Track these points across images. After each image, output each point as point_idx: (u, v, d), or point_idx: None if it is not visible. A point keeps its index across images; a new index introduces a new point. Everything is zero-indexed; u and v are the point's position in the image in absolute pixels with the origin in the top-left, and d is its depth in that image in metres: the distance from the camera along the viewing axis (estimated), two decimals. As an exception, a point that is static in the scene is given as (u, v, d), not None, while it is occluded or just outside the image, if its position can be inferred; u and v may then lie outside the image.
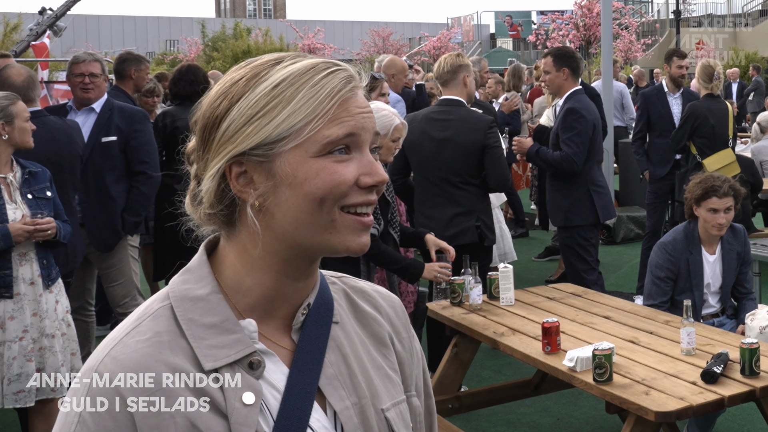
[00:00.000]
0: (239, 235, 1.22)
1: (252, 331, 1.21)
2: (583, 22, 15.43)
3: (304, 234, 1.19)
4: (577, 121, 5.82)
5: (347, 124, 1.18)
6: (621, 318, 4.41)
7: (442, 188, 5.25)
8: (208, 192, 1.21)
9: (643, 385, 3.44)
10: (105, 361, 1.16)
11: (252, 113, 1.17)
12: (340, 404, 1.24)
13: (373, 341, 1.34)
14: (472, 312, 4.64)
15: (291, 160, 1.17)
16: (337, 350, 1.28)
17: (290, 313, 1.26)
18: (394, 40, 37.59)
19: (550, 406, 5.34)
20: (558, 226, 6.17)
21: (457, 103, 5.34)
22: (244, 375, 1.18)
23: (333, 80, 1.19)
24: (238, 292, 1.23)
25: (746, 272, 4.89)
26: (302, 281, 1.25)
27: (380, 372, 1.32)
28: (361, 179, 1.19)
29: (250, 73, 1.21)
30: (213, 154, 1.21)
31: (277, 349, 1.23)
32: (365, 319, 1.35)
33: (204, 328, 1.19)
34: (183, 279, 1.24)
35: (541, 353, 3.90)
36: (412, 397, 1.37)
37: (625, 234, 10.13)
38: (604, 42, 9.91)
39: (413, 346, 1.41)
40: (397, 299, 1.43)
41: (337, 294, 1.34)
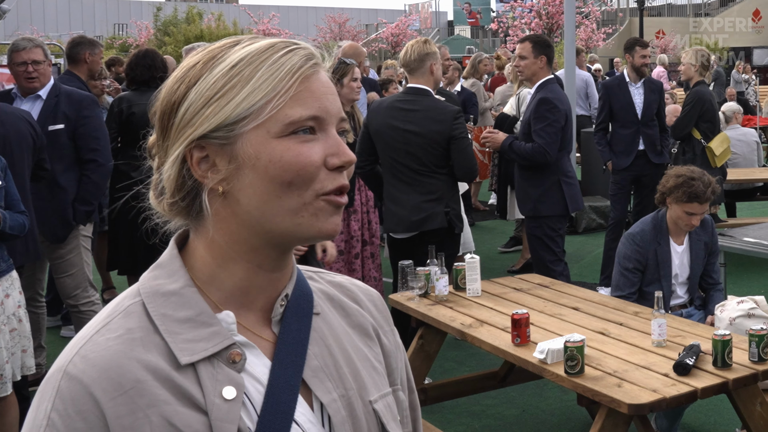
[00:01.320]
0: (205, 224, 1.19)
1: (230, 323, 1.17)
2: (545, 11, 15.50)
3: (272, 219, 1.15)
4: (549, 111, 5.84)
5: (312, 106, 1.16)
6: (590, 309, 4.43)
7: (409, 176, 5.23)
8: (169, 180, 1.18)
9: (615, 377, 3.45)
10: (74, 360, 1.11)
11: (210, 94, 1.15)
12: (327, 397, 1.21)
13: (357, 332, 1.32)
14: (438, 303, 4.62)
15: (253, 141, 1.14)
16: (320, 341, 1.25)
17: (268, 304, 1.23)
18: (350, 27, 37.56)
19: (516, 397, 5.36)
20: (526, 215, 6.18)
21: (424, 92, 5.30)
22: (224, 368, 1.14)
23: (293, 58, 1.16)
24: (211, 285, 1.19)
25: (714, 263, 4.94)
26: (277, 272, 1.22)
27: (366, 363, 1.29)
28: (329, 160, 1.16)
29: (206, 56, 1.18)
30: (172, 140, 1.18)
31: (258, 341, 1.20)
32: (346, 310, 1.33)
33: (179, 322, 1.15)
34: (154, 275, 1.20)
35: (510, 345, 3.90)
36: (398, 391, 1.35)
37: (587, 224, 10.21)
38: (567, 30, 9.94)
39: (396, 339, 1.39)
40: (376, 292, 1.40)
41: (316, 288, 1.31)
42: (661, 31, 32.93)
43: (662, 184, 4.70)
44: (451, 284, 4.82)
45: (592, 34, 26.58)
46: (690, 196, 4.54)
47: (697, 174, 4.61)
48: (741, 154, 9.53)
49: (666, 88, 16.52)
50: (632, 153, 7.88)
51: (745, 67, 21.56)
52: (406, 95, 5.38)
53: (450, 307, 4.56)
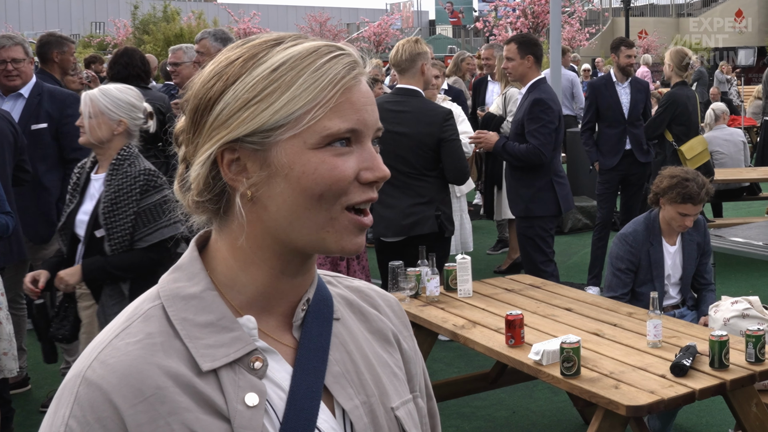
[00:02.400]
0: (231, 227, 1.17)
1: (251, 328, 1.15)
2: (531, 10, 15.53)
3: (298, 230, 1.14)
4: (544, 112, 5.82)
5: (350, 118, 1.13)
6: (583, 310, 4.42)
7: (399, 179, 5.20)
8: (197, 178, 1.16)
9: (611, 379, 3.45)
10: (93, 365, 1.09)
11: (249, 97, 1.12)
12: (349, 403, 1.20)
13: (377, 338, 1.30)
14: (429, 304, 4.61)
15: (288, 151, 1.11)
16: (341, 347, 1.23)
17: (289, 309, 1.21)
18: (331, 26, 37.54)
19: (505, 399, 5.35)
20: (518, 216, 6.17)
21: (414, 93, 5.27)
22: (246, 375, 1.12)
23: (336, 66, 1.13)
24: (232, 289, 1.17)
25: (706, 263, 4.95)
26: (299, 277, 1.20)
27: (386, 370, 1.28)
28: (362, 174, 1.14)
29: (247, 54, 1.15)
30: (204, 138, 1.15)
31: (279, 347, 1.18)
32: (366, 316, 1.31)
33: (199, 327, 1.13)
34: (174, 277, 1.18)
35: (504, 346, 3.89)
36: (418, 398, 1.33)
37: (573, 224, 10.24)
38: (552, 30, 9.97)
39: (415, 345, 1.38)
40: (394, 298, 1.39)
41: (335, 293, 1.29)
42: (644, 31, 33.12)
43: (656, 184, 4.70)
44: (442, 285, 4.81)
45: (576, 33, 26.68)
46: (684, 197, 4.55)
47: (691, 175, 4.61)
48: (727, 154, 9.58)
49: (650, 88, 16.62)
50: (619, 152, 7.90)
51: (727, 67, 21.68)
52: (395, 96, 5.35)
53: (441, 308, 4.55)
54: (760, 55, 26.20)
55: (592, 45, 29.49)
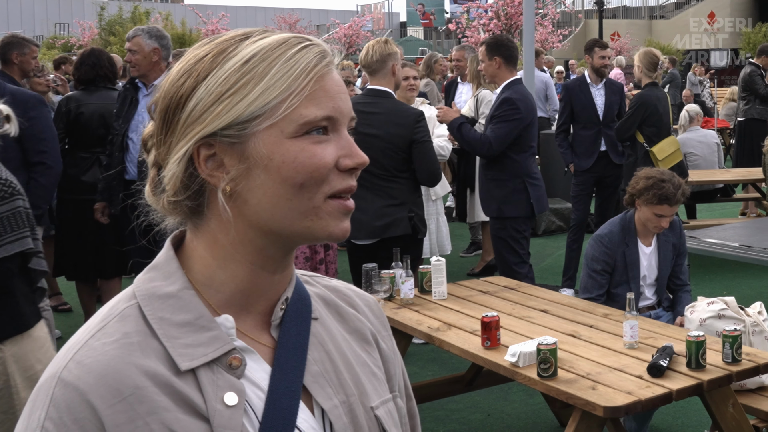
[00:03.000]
0: (208, 224, 1.17)
1: (229, 327, 1.15)
2: (504, 11, 15.59)
3: (281, 221, 1.14)
4: (508, 111, 5.87)
5: (326, 106, 1.14)
6: (559, 311, 4.44)
7: (371, 181, 5.19)
8: (173, 178, 1.15)
9: (588, 380, 3.46)
10: (69, 366, 1.08)
11: (222, 91, 1.12)
12: (328, 403, 1.20)
13: (355, 338, 1.31)
14: (403, 306, 4.61)
15: (266, 141, 1.12)
16: (319, 347, 1.23)
17: (267, 308, 1.21)
18: (301, 27, 37.52)
19: (480, 401, 5.36)
20: (490, 216, 6.19)
21: (385, 94, 5.27)
22: (224, 374, 1.12)
23: (307, 55, 1.14)
24: (210, 288, 1.17)
25: (682, 264, 4.99)
26: (278, 273, 1.20)
27: (365, 369, 1.28)
28: (341, 161, 1.15)
29: (216, 49, 1.15)
30: (178, 136, 1.14)
31: (257, 347, 1.18)
32: (344, 315, 1.32)
33: (177, 326, 1.12)
34: (149, 276, 1.17)
35: (480, 348, 3.89)
36: (397, 398, 1.34)
37: (547, 226, 10.29)
38: (526, 31, 10.00)
39: (393, 345, 1.38)
40: (372, 298, 1.40)
41: (312, 292, 1.30)
42: (616, 32, 33.38)
43: (631, 185, 4.73)
44: (417, 287, 4.81)
45: (549, 35, 26.83)
46: (660, 198, 4.58)
47: (667, 176, 4.65)
48: (701, 156, 9.67)
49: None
50: (594, 154, 7.96)
51: (700, 69, 21.89)
52: (366, 97, 5.34)
53: (416, 310, 4.55)
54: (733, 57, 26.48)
55: (565, 47, 29.67)
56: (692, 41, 34.50)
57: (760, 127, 10.99)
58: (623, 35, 32.94)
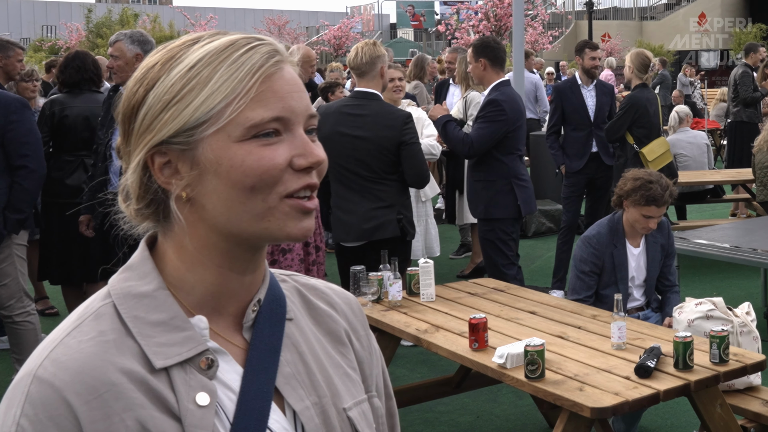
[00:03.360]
0: (173, 230, 1.18)
1: (203, 328, 1.16)
2: (494, 13, 15.62)
3: (238, 224, 1.14)
4: (493, 112, 5.89)
5: (274, 106, 1.13)
6: (547, 313, 4.45)
7: (359, 183, 5.21)
8: (132, 186, 1.17)
9: (576, 381, 3.48)
10: (44, 364, 1.08)
11: (168, 98, 1.13)
12: (300, 404, 1.21)
13: (330, 339, 1.31)
14: (391, 309, 4.62)
15: (214, 146, 1.12)
16: (293, 348, 1.24)
17: (240, 310, 1.22)
18: (290, 29, 37.47)
19: (469, 403, 5.38)
20: (478, 218, 6.21)
21: (373, 96, 5.28)
22: (197, 375, 1.13)
23: (254, 56, 1.14)
24: (182, 290, 1.18)
25: (670, 265, 5.01)
26: (248, 275, 1.21)
27: (339, 370, 1.29)
28: (295, 161, 1.14)
29: (165, 56, 1.16)
30: (134, 145, 1.16)
31: (229, 348, 1.19)
32: (320, 316, 1.32)
33: (151, 325, 1.13)
34: (124, 276, 1.18)
35: (468, 350, 3.90)
36: (374, 398, 1.34)
37: (537, 228, 10.31)
38: (515, 33, 10.03)
39: (371, 344, 1.38)
40: (353, 297, 1.40)
41: (288, 291, 1.30)
42: (607, 34, 33.47)
43: (619, 186, 4.76)
44: (405, 289, 4.82)
45: (539, 37, 26.90)
46: (648, 199, 4.60)
47: (654, 177, 4.67)
48: (691, 157, 9.70)
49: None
50: (585, 155, 7.98)
51: (691, 70, 21.98)
52: (354, 100, 5.35)
53: (404, 312, 4.56)
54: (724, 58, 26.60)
55: (555, 48, 29.73)
56: (683, 42, 34.63)
57: (751, 129, 11.03)
58: (614, 36, 33.03)
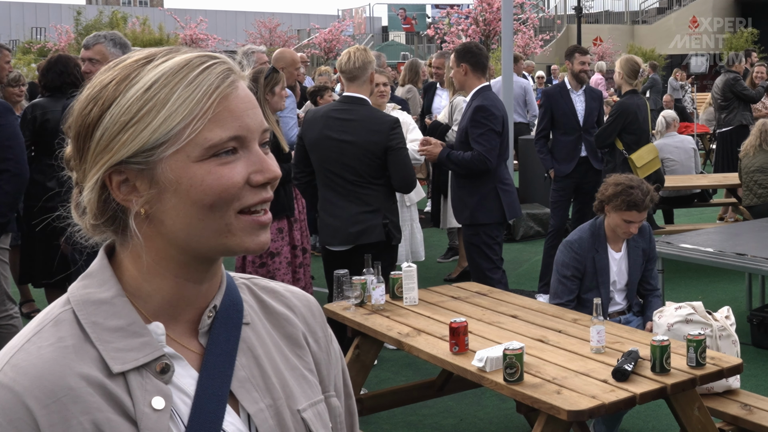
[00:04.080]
0: (131, 242, 1.21)
1: (159, 334, 1.20)
2: (483, 17, 15.68)
3: (197, 240, 1.19)
4: (486, 118, 5.92)
5: (231, 126, 1.17)
6: (528, 317, 4.50)
7: (346, 187, 5.26)
8: (90, 203, 1.20)
9: (554, 384, 3.53)
10: (5, 369, 1.12)
11: (126, 120, 1.15)
12: (254, 407, 1.25)
13: (287, 342, 1.35)
14: (374, 312, 4.66)
15: (173, 166, 1.16)
16: (248, 352, 1.28)
17: (196, 316, 1.26)
18: (281, 32, 37.47)
19: (453, 406, 5.42)
20: (463, 223, 6.25)
21: (361, 101, 5.33)
22: (152, 379, 1.17)
23: (209, 76, 1.17)
24: (139, 298, 1.22)
25: (652, 269, 5.06)
26: (205, 283, 1.25)
27: (295, 373, 1.33)
28: (252, 177, 1.19)
29: (119, 75, 1.18)
30: (90, 164, 1.19)
31: (185, 353, 1.23)
32: (277, 319, 1.36)
33: (110, 331, 1.17)
34: (84, 284, 1.22)
35: (448, 354, 3.95)
36: (331, 398, 1.39)
37: (525, 232, 10.37)
38: (504, 37, 10.08)
39: (330, 346, 1.42)
40: (312, 299, 1.44)
41: (246, 295, 1.34)
42: (598, 38, 33.58)
43: (601, 192, 4.82)
44: (388, 293, 4.87)
45: (530, 41, 26.98)
46: (629, 204, 4.66)
47: (635, 182, 4.73)
48: (678, 161, 9.78)
49: (604, 96, 16.82)
50: (574, 160, 8.04)
51: (681, 74, 22.07)
52: (342, 104, 5.40)
53: (387, 316, 4.60)
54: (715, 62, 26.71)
55: (546, 52, 29.82)
56: (674, 46, 34.75)
57: (746, 134, 11.08)
58: (605, 40, 33.14)
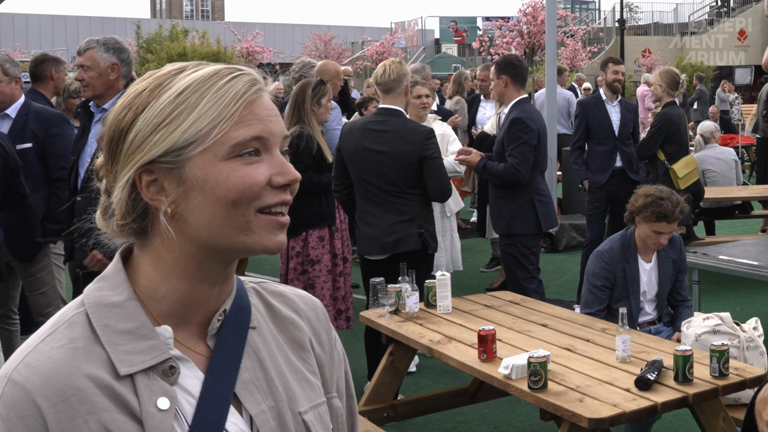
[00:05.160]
0: (153, 243, 1.26)
1: (167, 337, 1.24)
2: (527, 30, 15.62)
3: (218, 237, 1.23)
4: (522, 131, 5.93)
5: (254, 127, 1.23)
6: (558, 326, 4.50)
7: (382, 197, 5.30)
8: (119, 203, 1.25)
9: (577, 392, 3.53)
10: (19, 368, 1.18)
11: (158, 121, 1.22)
12: (256, 408, 1.28)
13: (292, 345, 1.39)
14: (408, 320, 4.69)
15: (200, 165, 1.21)
16: (253, 355, 1.32)
17: (206, 319, 1.30)
18: (336, 44, 37.61)
19: (488, 414, 5.41)
20: (500, 233, 6.26)
21: (396, 113, 5.38)
22: (159, 381, 1.21)
23: (237, 84, 1.24)
24: (153, 300, 1.26)
25: (682, 280, 5.02)
26: (218, 286, 1.30)
27: (298, 376, 1.36)
28: (274, 179, 1.24)
29: (153, 84, 1.25)
30: (122, 165, 1.25)
31: (192, 356, 1.27)
32: (284, 323, 1.39)
33: (119, 334, 1.22)
34: (98, 286, 1.27)
35: (476, 361, 3.97)
36: (333, 399, 1.42)
37: (568, 242, 10.31)
38: (548, 50, 10.07)
39: (334, 348, 1.45)
40: (318, 302, 1.47)
41: (255, 299, 1.38)
42: (647, 49, 33.24)
43: (631, 203, 4.80)
44: (422, 301, 4.89)
45: (577, 53, 26.80)
46: (658, 215, 4.63)
47: (665, 193, 4.70)
48: (719, 173, 9.65)
49: (650, 107, 16.63)
50: (609, 170, 7.98)
51: (729, 86, 21.77)
52: (378, 116, 5.45)
53: (420, 323, 4.63)
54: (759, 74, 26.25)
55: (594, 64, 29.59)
56: (722, 58, 34.27)
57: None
58: (654, 52, 32.80)
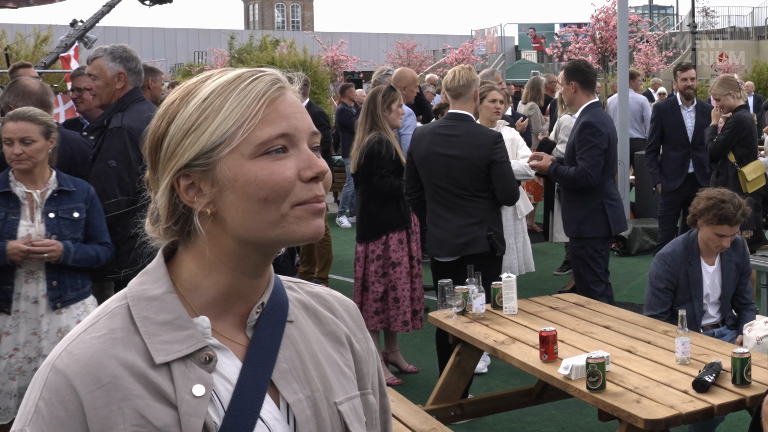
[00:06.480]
0: (196, 242, 1.31)
1: (205, 327, 1.28)
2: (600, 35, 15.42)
3: (255, 233, 1.27)
4: (592, 135, 5.86)
5: (280, 124, 1.26)
6: (620, 328, 4.45)
7: (452, 200, 5.31)
8: (162, 207, 1.30)
9: (635, 393, 3.49)
10: (62, 355, 1.24)
11: (187, 128, 1.26)
12: (293, 397, 1.31)
13: (329, 339, 1.41)
14: (474, 321, 4.70)
15: (230, 165, 1.25)
16: (291, 347, 1.35)
17: (245, 311, 1.34)
18: (418, 52, 37.68)
19: (556, 415, 5.37)
20: (570, 236, 6.21)
21: (465, 118, 5.40)
22: (196, 368, 1.25)
23: (258, 84, 1.27)
24: (194, 292, 1.31)
25: (746, 283, 4.91)
26: (257, 279, 1.33)
27: (335, 368, 1.39)
28: (302, 173, 1.26)
29: (182, 93, 1.30)
30: (161, 172, 1.30)
31: (231, 345, 1.31)
32: (320, 318, 1.43)
33: (158, 325, 1.26)
34: (141, 280, 1.32)
35: (538, 362, 3.96)
36: (369, 395, 1.44)
37: (640, 246, 10.14)
38: (620, 55, 9.96)
39: (369, 346, 1.48)
40: (352, 303, 1.50)
41: (293, 297, 1.41)
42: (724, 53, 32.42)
43: (693, 206, 4.72)
44: (489, 303, 4.89)
45: (651, 57, 26.29)
46: (720, 218, 4.54)
47: (727, 196, 4.60)
48: (791, 177, 9.35)
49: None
50: (682, 175, 7.85)
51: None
52: (447, 121, 5.48)
53: (486, 324, 4.64)
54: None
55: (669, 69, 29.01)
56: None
57: None
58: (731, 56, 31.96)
